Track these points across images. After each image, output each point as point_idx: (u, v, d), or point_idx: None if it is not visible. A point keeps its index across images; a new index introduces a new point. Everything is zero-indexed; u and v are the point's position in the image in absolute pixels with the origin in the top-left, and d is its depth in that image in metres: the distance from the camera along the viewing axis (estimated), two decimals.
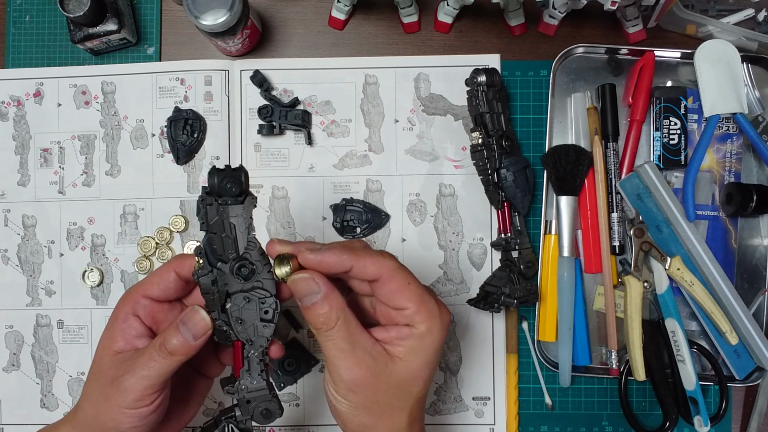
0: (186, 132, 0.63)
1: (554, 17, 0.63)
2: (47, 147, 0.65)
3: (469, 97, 0.61)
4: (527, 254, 0.61)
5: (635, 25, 0.64)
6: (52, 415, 0.64)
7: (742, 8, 0.64)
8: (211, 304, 0.43)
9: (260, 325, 0.43)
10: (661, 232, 0.61)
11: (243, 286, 0.42)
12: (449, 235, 0.64)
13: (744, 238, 0.63)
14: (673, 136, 0.62)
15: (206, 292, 0.42)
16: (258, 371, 0.44)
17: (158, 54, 0.66)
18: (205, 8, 0.56)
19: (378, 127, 0.65)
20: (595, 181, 0.62)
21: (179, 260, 0.45)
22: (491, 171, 0.60)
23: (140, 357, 0.42)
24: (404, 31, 0.66)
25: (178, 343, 0.42)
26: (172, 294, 0.46)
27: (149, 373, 0.42)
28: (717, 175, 0.63)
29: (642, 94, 0.62)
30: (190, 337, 0.42)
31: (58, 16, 0.66)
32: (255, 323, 0.43)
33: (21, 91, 0.65)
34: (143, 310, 0.45)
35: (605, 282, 0.61)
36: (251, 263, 0.42)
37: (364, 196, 0.64)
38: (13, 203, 0.65)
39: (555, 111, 0.64)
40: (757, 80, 0.63)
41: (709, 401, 0.63)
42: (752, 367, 0.62)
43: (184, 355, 0.42)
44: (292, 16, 0.67)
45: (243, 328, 0.43)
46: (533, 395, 0.64)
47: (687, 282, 0.60)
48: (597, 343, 0.64)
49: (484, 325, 0.64)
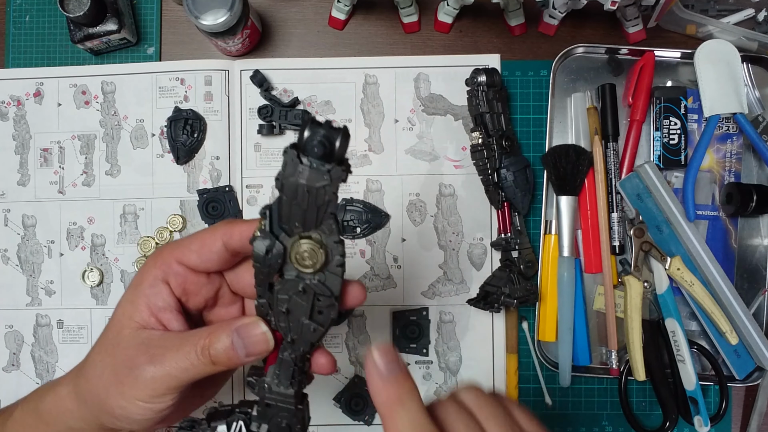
0: (186, 132, 0.63)
1: (554, 17, 0.63)
2: (47, 147, 0.65)
3: (469, 97, 0.61)
4: (527, 254, 0.61)
5: (635, 25, 0.64)
6: None
7: (742, 8, 0.64)
8: (259, 277, 0.35)
9: (308, 325, 0.35)
10: (661, 232, 0.61)
11: (300, 273, 0.34)
12: (449, 235, 0.64)
13: (744, 238, 0.63)
14: (673, 136, 0.62)
15: (257, 262, 0.34)
16: (288, 377, 0.37)
17: (158, 54, 0.66)
18: (205, 8, 0.56)
19: (378, 127, 0.65)
20: (595, 181, 0.62)
21: (228, 227, 0.38)
22: (491, 171, 0.60)
23: (173, 351, 0.36)
24: (404, 31, 0.66)
25: (225, 354, 0.36)
26: (214, 266, 0.39)
27: (179, 375, 0.36)
28: (717, 175, 0.63)
29: (642, 94, 0.62)
30: (242, 352, 0.36)
31: (58, 16, 0.66)
32: (302, 320, 0.35)
33: (21, 91, 0.65)
34: (175, 278, 0.38)
35: (605, 282, 0.61)
36: (319, 246, 0.33)
37: (364, 196, 0.64)
38: (13, 203, 0.65)
39: (555, 111, 0.64)
40: (757, 80, 0.63)
41: (709, 401, 0.63)
42: (752, 367, 0.62)
43: (227, 367, 0.36)
44: (292, 16, 0.67)
45: (286, 322, 0.35)
46: (533, 395, 0.64)
47: (687, 282, 0.60)
48: (597, 343, 0.64)
49: (484, 325, 0.64)
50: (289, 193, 0.32)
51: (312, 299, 0.35)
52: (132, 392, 0.36)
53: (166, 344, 0.36)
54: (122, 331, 0.37)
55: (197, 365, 0.36)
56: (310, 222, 0.33)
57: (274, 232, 0.34)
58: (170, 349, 0.36)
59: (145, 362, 0.36)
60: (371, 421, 0.63)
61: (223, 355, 0.35)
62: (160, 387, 0.36)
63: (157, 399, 0.36)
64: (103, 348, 0.38)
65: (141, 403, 0.36)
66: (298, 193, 0.32)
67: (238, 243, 0.37)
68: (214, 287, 0.40)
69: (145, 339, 0.37)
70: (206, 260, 0.38)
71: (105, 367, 0.37)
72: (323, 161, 0.32)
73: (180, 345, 0.36)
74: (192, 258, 0.38)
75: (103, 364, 0.37)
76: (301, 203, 0.32)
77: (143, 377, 0.35)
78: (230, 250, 0.38)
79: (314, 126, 0.32)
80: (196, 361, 0.36)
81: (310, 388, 0.67)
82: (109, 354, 0.37)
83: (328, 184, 0.32)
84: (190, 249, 0.38)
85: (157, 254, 0.39)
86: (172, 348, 0.36)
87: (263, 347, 0.36)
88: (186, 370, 0.35)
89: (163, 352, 0.36)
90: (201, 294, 0.39)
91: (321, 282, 0.34)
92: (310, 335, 0.35)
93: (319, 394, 0.64)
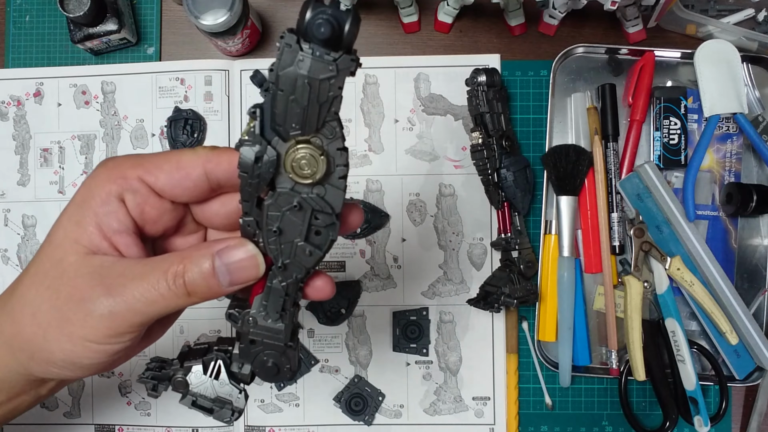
0: (186, 132, 0.63)
1: (554, 17, 0.63)
2: (47, 147, 0.65)
3: (469, 97, 0.61)
4: (527, 254, 0.61)
5: (635, 25, 0.64)
6: (52, 415, 0.64)
7: (742, 8, 0.64)
8: (246, 190, 0.29)
9: (302, 247, 0.30)
10: (661, 232, 0.61)
11: (296, 186, 0.29)
12: (449, 235, 0.64)
13: (744, 238, 0.63)
14: (673, 136, 0.62)
15: (244, 171, 0.29)
16: (278, 309, 0.31)
17: (158, 54, 0.66)
18: (205, 8, 0.56)
19: (378, 127, 0.65)
20: (595, 181, 0.62)
21: (214, 155, 0.31)
22: (491, 171, 0.60)
23: (136, 281, 0.29)
24: (404, 31, 0.66)
25: (204, 282, 0.29)
26: (185, 196, 0.31)
27: (144, 309, 0.29)
28: (717, 175, 0.63)
29: (642, 94, 0.62)
30: (225, 279, 0.29)
31: (58, 16, 0.66)
32: (296, 242, 0.30)
33: (21, 91, 0.65)
34: (133, 198, 0.31)
35: (605, 282, 0.61)
36: (319, 153, 0.28)
37: (364, 196, 0.64)
38: (13, 203, 0.65)
39: (555, 111, 0.64)
40: (757, 80, 0.63)
41: (709, 401, 0.63)
42: (752, 367, 0.62)
43: (204, 298, 0.30)
44: (292, 16, 0.67)
45: (277, 244, 0.30)
46: (533, 395, 0.64)
47: (687, 282, 0.60)
48: (597, 343, 0.64)
49: (484, 325, 0.64)
50: (286, 88, 0.27)
51: (309, 217, 0.29)
52: (82, 332, 0.29)
53: (125, 273, 0.29)
54: (65, 258, 0.30)
55: (167, 297, 0.29)
56: (310, 124, 0.28)
57: (265, 136, 0.28)
58: (132, 279, 0.29)
59: (100, 294, 0.29)
60: (371, 421, 0.63)
61: (202, 284, 0.29)
62: (119, 325, 0.29)
63: (113, 339, 0.29)
64: (38, 279, 0.30)
65: (93, 345, 0.29)
66: (296, 88, 0.27)
67: (224, 174, 0.31)
68: (178, 216, 0.33)
69: (98, 267, 0.29)
70: (178, 186, 0.31)
71: (41, 303, 0.30)
72: (328, 49, 0.26)
73: (145, 273, 0.29)
74: (160, 179, 0.31)
75: (39, 300, 0.30)
76: (300, 100, 0.27)
77: (97, 313, 0.29)
78: (212, 181, 0.31)
79: (318, 5, 0.26)
80: (167, 291, 0.29)
81: (310, 387, 0.67)
82: (48, 287, 0.30)
83: (333, 76, 0.27)
84: (161, 168, 0.31)
85: (111, 165, 0.31)
86: (135, 277, 0.29)
87: (251, 273, 0.30)
88: (153, 302, 0.29)
89: (123, 281, 0.29)
90: (160, 222, 0.32)
91: (320, 196, 0.29)
92: (305, 260, 0.30)
93: (319, 394, 0.64)
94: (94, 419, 0.64)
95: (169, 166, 0.31)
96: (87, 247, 0.30)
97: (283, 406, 0.64)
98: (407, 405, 0.64)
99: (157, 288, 0.29)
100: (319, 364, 0.64)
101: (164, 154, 0.31)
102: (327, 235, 0.30)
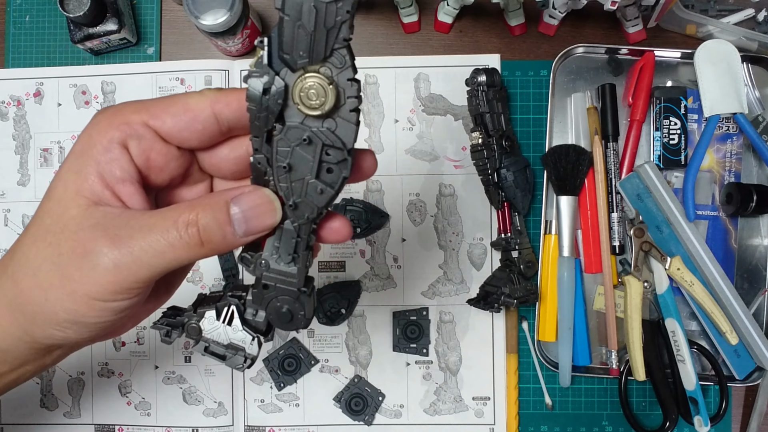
0: None
1: (554, 17, 0.63)
2: (47, 147, 0.65)
3: (469, 97, 0.61)
4: (527, 254, 0.61)
5: (635, 25, 0.64)
6: (52, 415, 0.64)
7: (742, 8, 0.64)
8: (255, 124, 0.28)
9: (314, 185, 0.28)
10: (661, 232, 0.61)
11: (306, 120, 0.28)
12: (449, 235, 0.64)
13: (744, 238, 0.63)
14: (673, 136, 0.62)
15: (252, 103, 0.28)
16: (290, 250, 0.30)
17: (158, 54, 0.66)
18: (205, 8, 0.56)
19: (378, 127, 0.65)
20: (595, 181, 0.62)
21: (222, 95, 0.29)
22: (491, 171, 0.60)
23: (143, 231, 0.27)
24: (404, 31, 0.66)
25: (219, 230, 0.27)
26: (194, 139, 0.30)
27: (152, 261, 0.27)
28: (717, 175, 0.63)
29: (642, 94, 0.62)
30: (241, 228, 0.28)
31: (58, 16, 0.66)
32: (307, 179, 0.28)
33: (21, 90, 0.65)
34: (138, 144, 0.29)
35: (605, 282, 0.61)
36: (328, 82, 0.27)
37: (364, 196, 0.64)
38: (13, 203, 0.65)
39: (555, 111, 0.64)
40: (757, 80, 0.63)
41: (709, 401, 0.63)
42: (752, 367, 0.62)
43: (218, 250, 0.28)
44: None
45: (287, 180, 0.29)
46: (533, 395, 0.64)
47: (687, 282, 0.60)
48: (597, 343, 0.64)
49: (484, 325, 0.64)
50: (292, 13, 0.26)
51: (319, 152, 0.28)
52: (85, 288, 0.27)
53: (131, 223, 0.27)
54: (67, 211, 0.28)
55: (177, 247, 0.27)
56: (318, 51, 0.26)
57: (273, 66, 0.27)
58: (139, 229, 0.27)
59: (104, 246, 0.27)
60: (371, 421, 0.63)
61: (217, 232, 0.27)
62: (124, 279, 0.27)
63: (119, 295, 0.28)
64: (39, 236, 0.28)
65: (97, 302, 0.28)
66: (302, 12, 0.26)
67: (233, 114, 0.29)
68: (185, 163, 0.31)
69: (101, 218, 0.27)
70: (186, 129, 0.29)
71: (42, 261, 0.28)
72: None
73: (153, 223, 0.27)
74: (167, 123, 0.29)
75: (40, 258, 0.28)
76: (307, 25, 0.26)
77: (102, 266, 0.27)
78: (222, 122, 0.29)
79: None
80: (177, 241, 0.27)
81: (310, 387, 0.67)
82: (50, 243, 0.28)
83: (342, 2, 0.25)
84: (167, 112, 0.29)
85: (113, 111, 0.29)
86: (143, 227, 0.27)
87: (268, 219, 0.28)
88: (162, 253, 0.27)
89: (129, 232, 0.27)
90: (166, 170, 0.30)
91: (330, 130, 0.28)
92: (317, 198, 0.29)
93: (319, 394, 0.64)
94: (94, 419, 0.64)
95: (176, 108, 0.29)
96: (89, 198, 0.28)
97: (283, 406, 0.64)
98: (407, 405, 0.64)
99: (167, 237, 0.27)
100: (319, 364, 0.64)
101: (169, 98, 0.29)
102: (339, 172, 0.28)
